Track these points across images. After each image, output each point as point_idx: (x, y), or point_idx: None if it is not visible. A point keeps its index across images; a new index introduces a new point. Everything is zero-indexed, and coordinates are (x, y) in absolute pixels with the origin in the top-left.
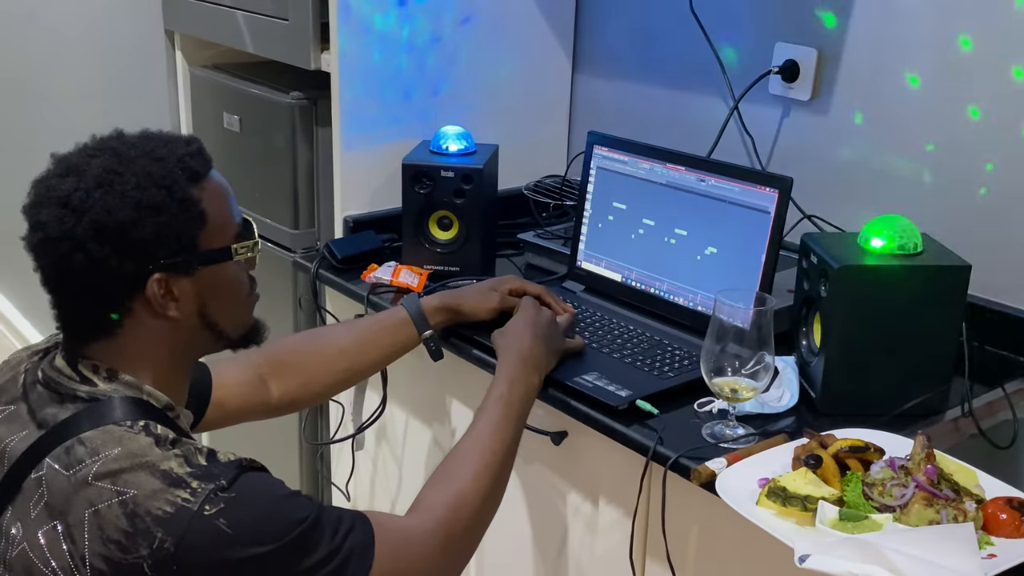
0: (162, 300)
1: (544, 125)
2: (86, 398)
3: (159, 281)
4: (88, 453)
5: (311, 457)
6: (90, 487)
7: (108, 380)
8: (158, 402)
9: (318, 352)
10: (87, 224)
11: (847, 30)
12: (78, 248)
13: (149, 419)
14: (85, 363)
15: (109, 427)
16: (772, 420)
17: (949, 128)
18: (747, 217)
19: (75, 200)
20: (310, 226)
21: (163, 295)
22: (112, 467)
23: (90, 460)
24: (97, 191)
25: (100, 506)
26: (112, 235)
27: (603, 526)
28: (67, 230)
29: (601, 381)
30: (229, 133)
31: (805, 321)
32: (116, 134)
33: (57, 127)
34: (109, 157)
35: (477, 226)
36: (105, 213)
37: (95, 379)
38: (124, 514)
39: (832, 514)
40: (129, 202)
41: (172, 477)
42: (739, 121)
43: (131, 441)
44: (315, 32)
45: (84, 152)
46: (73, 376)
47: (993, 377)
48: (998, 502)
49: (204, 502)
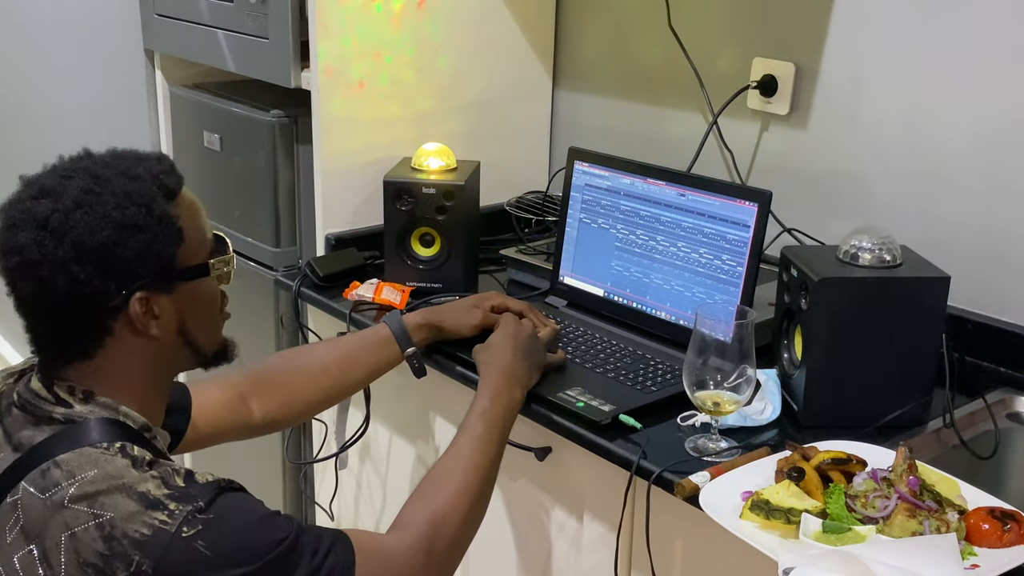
0: (144, 319)
1: (525, 141)
2: (62, 420)
3: (141, 300)
4: (64, 476)
5: (294, 476)
6: (66, 510)
7: (84, 402)
8: (135, 423)
9: (300, 371)
10: (68, 246)
11: (824, 44)
12: (60, 270)
13: (126, 440)
14: (61, 385)
15: (85, 449)
16: (755, 433)
17: (927, 140)
18: (727, 231)
19: (54, 222)
20: (291, 244)
21: (144, 313)
22: (88, 490)
23: (66, 483)
24: (77, 212)
25: (76, 529)
26: (94, 255)
27: (588, 541)
28: (47, 252)
29: (584, 396)
30: (210, 152)
31: (786, 334)
32: (85, 154)
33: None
34: (84, 178)
35: (459, 242)
36: (87, 234)
37: (71, 401)
38: (101, 537)
39: (815, 526)
40: (110, 222)
41: (149, 499)
42: (718, 136)
43: (107, 463)
44: (295, 50)
45: (57, 173)
46: (48, 398)
47: (974, 388)
48: (980, 512)
49: (182, 524)
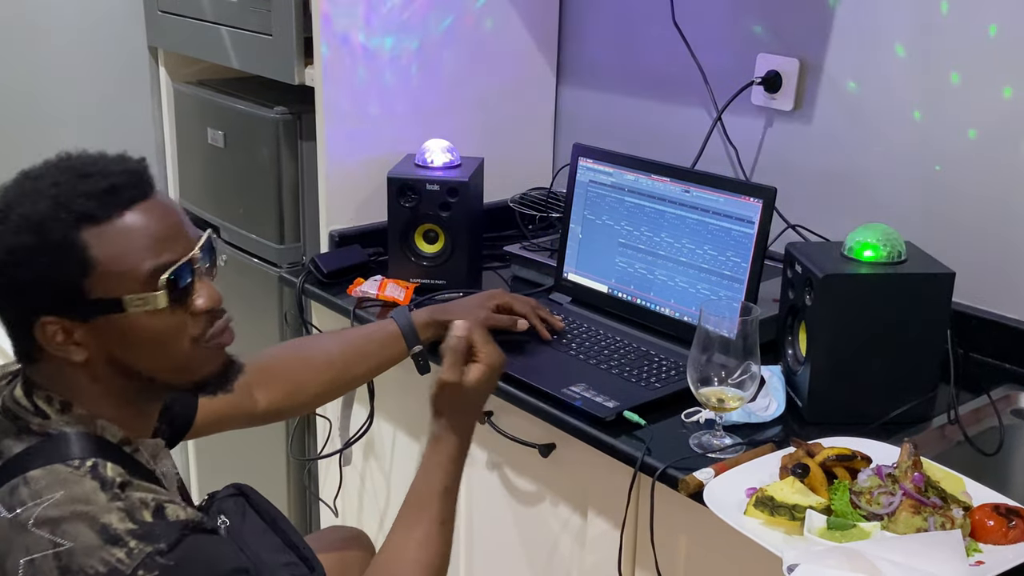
0: (59, 344)
1: (529, 137)
2: (38, 432)
3: (51, 324)
4: (31, 495)
5: (298, 473)
6: (29, 534)
7: (61, 412)
8: (113, 436)
9: (306, 362)
10: None
11: (829, 40)
12: None
13: (100, 457)
14: (39, 393)
15: (55, 467)
16: (759, 429)
17: (932, 136)
18: (732, 227)
19: None
20: (295, 241)
21: (61, 339)
22: (52, 514)
23: (31, 503)
24: None
25: (36, 556)
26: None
27: (592, 538)
28: None
29: (588, 392)
30: (213, 149)
31: (791, 330)
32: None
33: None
34: (13, 191)
35: (463, 239)
36: None
37: (48, 411)
38: (58, 567)
39: (820, 523)
40: (3, 246)
41: (110, 533)
42: (722, 132)
43: (75, 484)
44: (299, 47)
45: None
46: (28, 407)
47: (979, 384)
48: (985, 509)
49: (139, 566)
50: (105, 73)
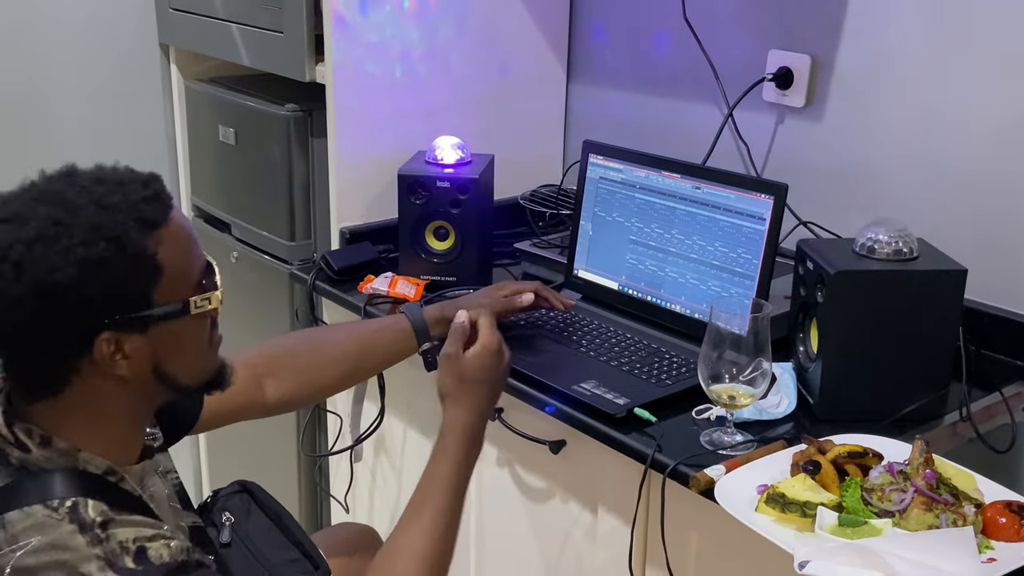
0: (111, 360)
1: (539, 134)
2: (17, 466)
3: (108, 340)
4: (7, 540)
5: (309, 469)
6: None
7: (41, 446)
8: (97, 468)
9: (316, 355)
10: (27, 282)
11: (841, 36)
12: (16, 306)
13: (81, 495)
14: (20, 426)
15: (34, 508)
16: (770, 426)
17: (944, 133)
18: (743, 224)
19: (15, 254)
20: (306, 238)
21: (113, 354)
22: (29, 562)
23: (8, 548)
24: (38, 246)
25: None
26: (53, 295)
27: (602, 534)
28: (5, 287)
29: (599, 389)
30: (225, 146)
31: (802, 327)
32: (67, 172)
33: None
34: (55, 205)
35: (473, 236)
36: (45, 272)
37: (28, 443)
38: None
39: (831, 520)
40: (73, 260)
41: None
42: (734, 128)
43: (53, 529)
44: (310, 44)
45: (30, 194)
46: (8, 437)
47: (991, 381)
48: (997, 506)
49: None
50: (117, 70)
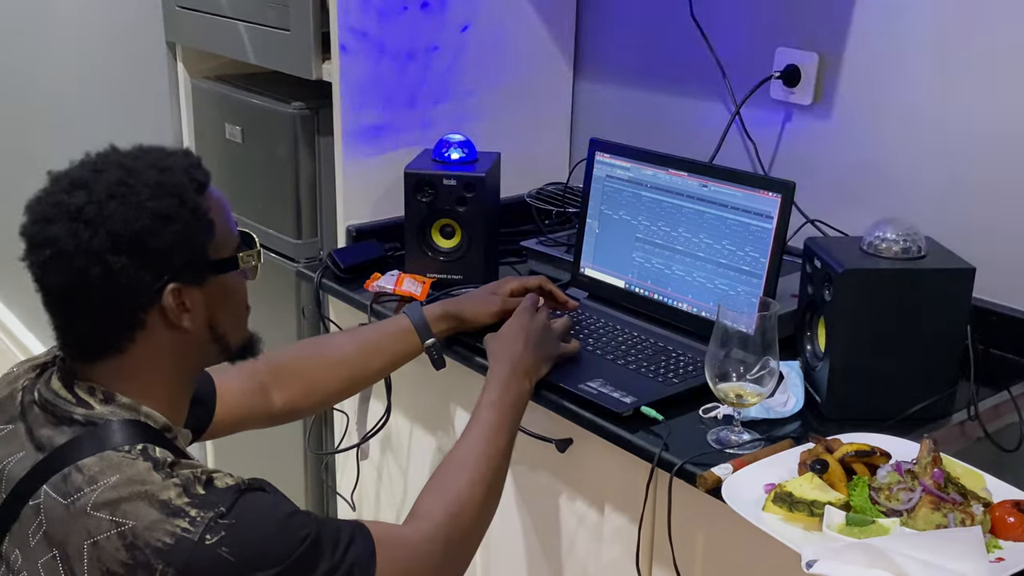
0: (176, 311)
1: (546, 132)
2: (83, 422)
3: (174, 291)
4: (86, 481)
5: (316, 467)
6: (88, 517)
7: (104, 402)
8: (155, 423)
9: (321, 360)
10: (104, 236)
11: (848, 34)
12: (95, 261)
13: (147, 442)
14: (81, 385)
15: (107, 453)
16: (777, 425)
17: (952, 131)
18: (750, 222)
19: (89, 213)
20: (313, 236)
21: (177, 306)
22: (110, 496)
23: (88, 488)
24: (111, 202)
25: (99, 537)
26: (130, 245)
27: (609, 533)
28: (82, 243)
29: (606, 388)
30: (231, 144)
31: (809, 326)
32: (112, 149)
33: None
34: (116, 170)
35: (479, 234)
36: (122, 223)
37: (91, 401)
38: (123, 546)
39: (839, 519)
40: (145, 212)
41: (171, 507)
42: (741, 126)
43: (129, 467)
44: (316, 42)
45: (87, 167)
46: (69, 398)
47: (999, 380)
48: (1005, 505)
49: (205, 531)
50: (123, 68)
